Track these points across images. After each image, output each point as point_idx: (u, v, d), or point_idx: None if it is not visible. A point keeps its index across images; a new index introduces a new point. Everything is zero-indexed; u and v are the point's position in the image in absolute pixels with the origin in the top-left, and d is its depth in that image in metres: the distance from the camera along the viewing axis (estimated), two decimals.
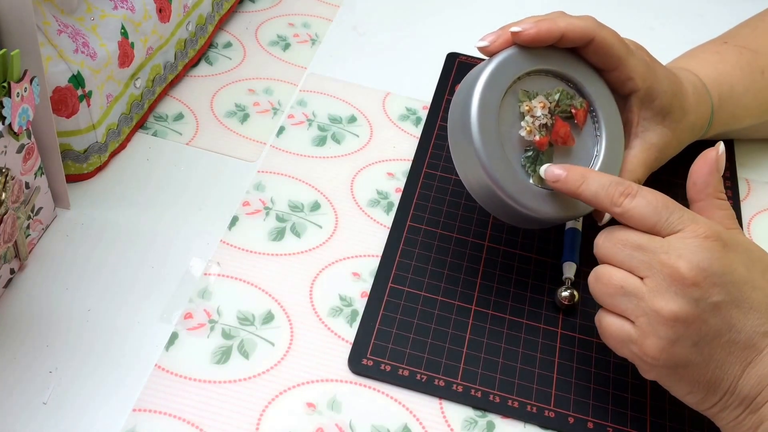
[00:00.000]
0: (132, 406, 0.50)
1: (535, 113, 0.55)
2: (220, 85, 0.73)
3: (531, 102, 0.55)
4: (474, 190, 0.55)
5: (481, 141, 0.52)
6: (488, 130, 0.53)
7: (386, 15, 0.83)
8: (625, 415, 0.53)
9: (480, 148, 0.52)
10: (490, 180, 0.52)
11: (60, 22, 0.58)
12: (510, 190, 0.53)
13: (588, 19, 0.56)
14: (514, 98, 0.55)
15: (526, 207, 0.53)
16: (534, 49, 0.55)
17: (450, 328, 0.56)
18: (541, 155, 0.54)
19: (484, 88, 0.53)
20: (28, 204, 0.55)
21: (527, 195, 0.53)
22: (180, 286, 0.57)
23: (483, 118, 0.53)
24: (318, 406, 0.52)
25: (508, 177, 0.53)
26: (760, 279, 0.47)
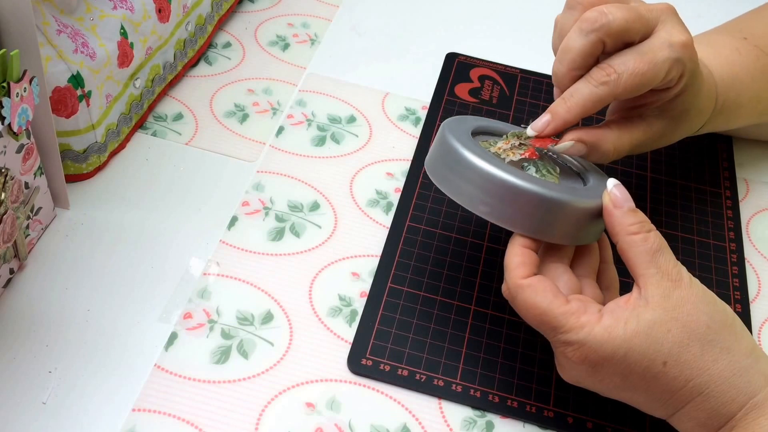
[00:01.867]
0: (131, 406, 0.50)
1: (506, 148, 0.53)
2: (219, 85, 0.73)
3: (497, 145, 0.53)
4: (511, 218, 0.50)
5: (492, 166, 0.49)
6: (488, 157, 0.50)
7: (385, 15, 0.83)
8: (624, 415, 0.53)
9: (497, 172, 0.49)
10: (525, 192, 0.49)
11: (59, 22, 0.58)
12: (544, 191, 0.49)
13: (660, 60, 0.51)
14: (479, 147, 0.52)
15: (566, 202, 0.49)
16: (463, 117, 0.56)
17: (449, 328, 0.56)
18: (540, 162, 0.52)
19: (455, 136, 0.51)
20: (28, 204, 0.55)
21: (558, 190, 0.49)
22: (179, 286, 0.57)
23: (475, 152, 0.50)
24: (317, 406, 0.52)
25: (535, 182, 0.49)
26: (639, 381, 0.47)
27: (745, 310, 0.60)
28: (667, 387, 0.46)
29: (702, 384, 0.46)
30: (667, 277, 0.46)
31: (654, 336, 0.45)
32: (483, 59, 0.79)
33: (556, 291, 0.47)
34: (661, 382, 0.46)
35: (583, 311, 0.47)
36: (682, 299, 0.46)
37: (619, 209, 0.49)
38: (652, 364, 0.46)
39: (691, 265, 0.62)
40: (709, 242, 0.64)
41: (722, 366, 0.46)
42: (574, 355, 0.47)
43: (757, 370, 0.46)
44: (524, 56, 0.79)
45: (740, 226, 0.66)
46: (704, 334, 0.46)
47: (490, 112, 0.73)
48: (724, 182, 0.69)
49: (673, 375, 0.46)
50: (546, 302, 0.47)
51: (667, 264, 0.47)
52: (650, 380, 0.46)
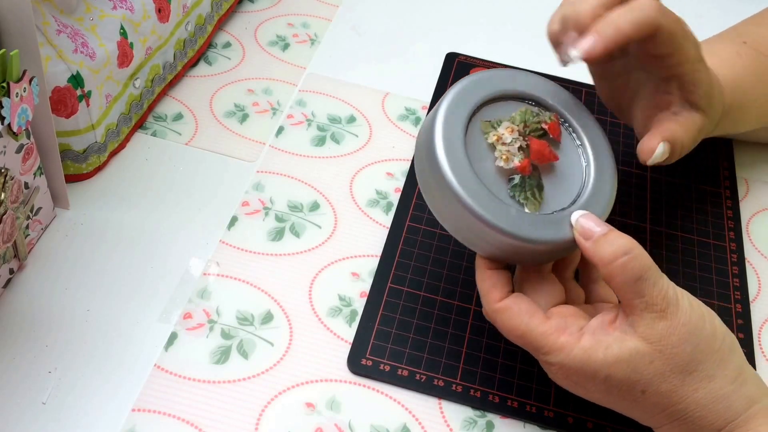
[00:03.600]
0: (131, 406, 0.50)
1: (505, 140, 0.50)
2: (219, 85, 0.73)
3: (497, 131, 0.50)
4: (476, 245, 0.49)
5: (460, 186, 0.47)
6: (463, 171, 0.48)
7: (385, 15, 0.83)
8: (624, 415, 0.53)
9: (462, 195, 0.47)
10: (484, 224, 0.47)
11: (59, 22, 0.58)
12: (511, 229, 0.47)
13: (646, 6, 0.50)
14: (478, 131, 0.50)
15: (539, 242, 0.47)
16: (483, 77, 0.52)
17: (449, 328, 0.56)
18: (527, 180, 0.49)
19: (443, 131, 0.49)
20: (28, 204, 0.55)
21: (532, 228, 0.48)
22: (179, 286, 0.57)
23: (454, 162, 0.48)
24: (317, 406, 0.52)
25: (502, 215, 0.47)
26: (619, 400, 0.47)
27: (745, 310, 0.60)
28: (646, 410, 0.47)
29: (680, 410, 0.46)
30: (652, 308, 0.45)
31: (635, 365, 0.45)
32: (483, 59, 0.79)
33: (533, 310, 0.47)
34: (640, 406, 0.47)
35: (563, 330, 0.46)
36: (667, 330, 0.45)
37: (590, 241, 0.47)
38: (631, 390, 0.46)
39: (691, 265, 0.62)
40: (709, 242, 0.64)
41: (702, 394, 0.46)
42: (557, 372, 0.47)
43: (740, 395, 0.46)
44: (524, 56, 0.79)
45: (740, 226, 0.66)
46: (686, 365, 0.45)
47: None
48: (724, 182, 0.69)
49: (652, 402, 0.46)
50: (523, 324, 0.47)
51: (652, 291, 0.45)
52: (630, 402, 0.47)
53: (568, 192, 0.51)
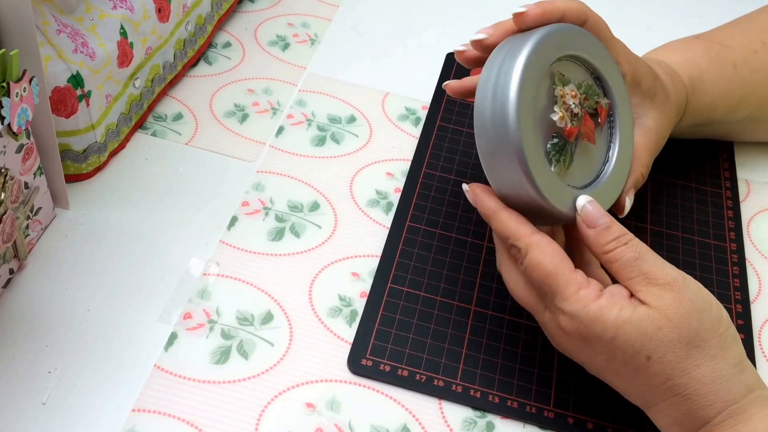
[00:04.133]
0: (131, 407, 0.50)
1: (567, 101, 0.51)
2: (219, 85, 0.73)
3: (564, 88, 0.51)
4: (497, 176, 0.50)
5: (518, 120, 0.47)
6: (527, 109, 0.48)
7: (386, 15, 0.83)
8: (624, 416, 0.53)
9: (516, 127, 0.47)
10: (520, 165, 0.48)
11: (59, 21, 0.58)
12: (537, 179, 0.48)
13: (578, 1, 0.55)
14: (550, 80, 0.51)
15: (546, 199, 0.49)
16: (575, 32, 0.52)
17: (449, 329, 0.56)
18: (567, 146, 0.51)
19: (528, 61, 0.48)
20: (27, 204, 0.55)
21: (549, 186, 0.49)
22: (179, 286, 0.57)
23: (524, 95, 0.48)
24: (317, 406, 0.52)
25: (538, 164, 0.48)
26: (621, 366, 0.47)
27: (746, 310, 0.60)
28: (647, 380, 0.47)
29: (681, 385, 0.46)
30: (656, 282, 0.47)
31: (644, 329, 0.46)
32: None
33: (564, 255, 0.48)
34: (642, 374, 0.47)
35: (585, 285, 0.47)
36: (675, 301, 0.46)
37: (592, 229, 0.49)
38: (636, 355, 0.46)
39: (691, 266, 0.62)
40: (710, 242, 0.64)
41: (704, 371, 0.46)
42: (566, 324, 0.47)
43: (739, 380, 0.46)
44: None
45: (741, 227, 0.66)
46: (693, 339, 0.46)
47: None
48: (725, 182, 0.69)
49: (654, 371, 0.46)
50: (553, 264, 0.47)
51: (651, 268, 0.47)
52: (632, 370, 0.47)
53: (585, 175, 0.53)
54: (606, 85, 0.54)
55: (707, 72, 0.65)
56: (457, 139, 0.69)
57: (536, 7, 0.52)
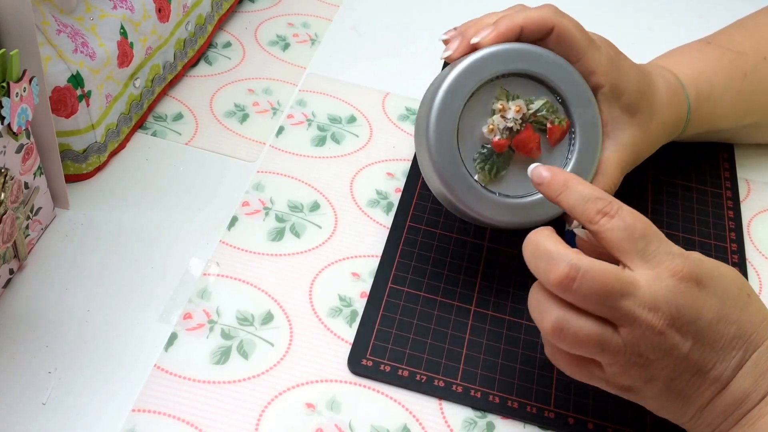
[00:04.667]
0: (131, 407, 0.50)
1: (507, 115, 0.54)
2: (219, 85, 0.73)
3: (507, 103, 0.54)
4: (428, 180, 0.55)
5: (435, 126, 0.53)
6: (447, 117, 0.53)
7: (386, 15, 0.83)
8: (625, 416, 0.53)
9: (432, 132, 0.53)
10: (434, 169, 0.53)
11: (59, 21, 0.58)
12: (451, 181, 0.53)
13: (546, 7, 0.55)
14: (491, 94, 0.54)
15: (463, 203, 0.53)
16: (533, 50, 0.54)
17: (449, 329, 0.56)
18: (495, 156, 0.54)
19: (459, 75, 0.53)
20: (27, 204, 0.55)
21: (467, 191, 0.53)
22: (179, 286, 0.57)
23: (446, 105, 0.53)
24: (317, 406, 0.52)
25: (452, 169, 0.53)
26: (735, 311, 0.45)
27: None
28: (751, 318, 0.46)
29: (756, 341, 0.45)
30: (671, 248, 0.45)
31: (732, 269, 0.46)
32: None
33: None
34: (748, 311, 0.46)
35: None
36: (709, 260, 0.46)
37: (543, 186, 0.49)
38: (740, 292, 0.46)
39: None
40: (710, 243, 0.64)
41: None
42: (681, 266, 0.44)
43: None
44: None
45: (741, 227, 0.66)
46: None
47: None
48: (725, 182, 0.69)
49: (757, 307, 0.46)
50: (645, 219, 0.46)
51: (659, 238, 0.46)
52: (741, 308, 0.45)
53: (525, 186, 0.55)
54: (569, 104, 0.55)
55: (718, 86, 0.64)
56: None
57: (491, 32, 0.54)
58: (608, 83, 0.56)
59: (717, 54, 0.66)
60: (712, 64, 0.65)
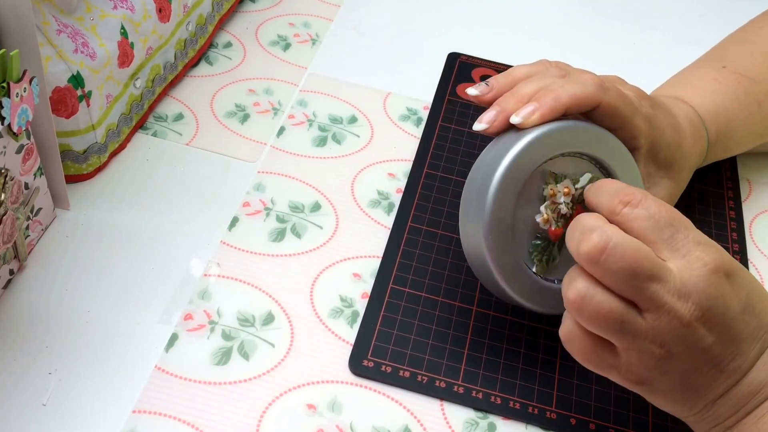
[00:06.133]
0: (132, 408, 0.50)
1: (557, 199, 0.51)
2: (220, 86, 0.72)
3: (556, 186, 0.51)
4: (471, 258, 0.53)
5: (491, 216, 0.50)
6: (503, 206, 0.50)
7: (387, 15, 0.83)
8: (627, 416, 0.53)
9: (488, 221, 0.50)
10: (490, 259, 0.50)
11: (59, 22, 0.58)
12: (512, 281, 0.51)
13: (589, 83, 0.52)
14: (541, 178, 0.51)
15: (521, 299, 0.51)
16: (573, 128, 0.51)
17: (451, 330, 0.56)
18: (551, 246, 0.52)
19: (510, 166, 0.50)
20: (28, 205, 0.55)
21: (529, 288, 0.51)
22: (180, 287, 0.57)
23: (501, 200, 0.50)
24: (318, 407, 0.52)
25: (513, 268, 0.51)
26: (759, 303, 0.45)
27: None
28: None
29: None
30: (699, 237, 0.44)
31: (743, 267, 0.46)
32: (484, 59, 0.78)
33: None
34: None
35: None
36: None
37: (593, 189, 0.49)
38: (761, 284, 0.46)
39: None
40: None
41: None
42: (713, 257, 0.43)
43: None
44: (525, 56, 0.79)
45: (743, 227, 0.66)
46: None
47: None
48: (727, 182, 0.69)
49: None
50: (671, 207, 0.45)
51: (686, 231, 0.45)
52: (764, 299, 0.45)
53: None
54: (614, 175, 0.53)
55: (735, 119, 0.63)
56: (458, 140, 0.69)
57: (534, 113, 0.51)
58: (647, 144, 0.55)
59: (733, 82, 0.64)
60: (729, 96, 0.64)
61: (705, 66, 0.67)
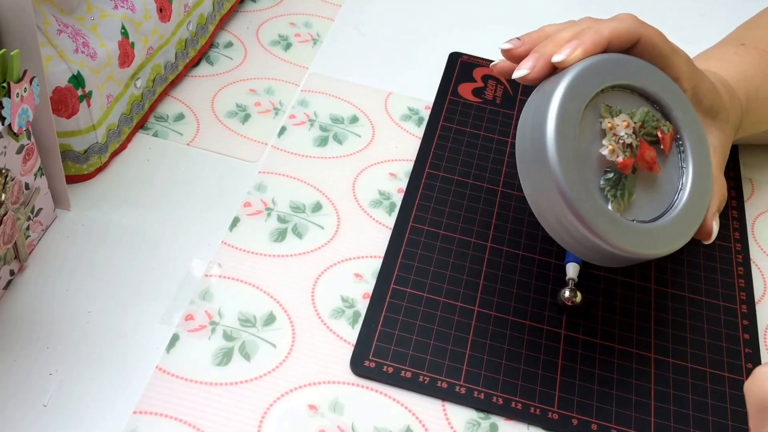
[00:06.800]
0: (133, 409, 0.50)
1: (618, 132, 0.49)
2: (221, 85, 0.72)
3: (613, 119, 0.49)
4: (549, 221, 0.50)
5: (558, 158, 0.46)
6: (566, 147, 0.47)
7: (388, 14, 0.83)
8: (629, 417, 0.53)
9: (556, 166, 0.46)
10: (567, 207, 0.47)
11: (60, 21, 0.58)
12: (588, 218, 0.47)
13: (629, 18, 0.52)
14: (595, 113, 0.49)
15: (605, 239, 0.47)
16: (618, 61, 0.50)
17: (452, 330, 0.56)
18: (624, 179, 0.49)
19: (563, 98, 0.48)
20: (28, 205, 0.55)
21: (607, 225, 0.47)
22: (181, 287, 0.57)
23: (561, 133, 0.47)
24: (320, 408, 0.51)
25: (587, 202, 0.47)
26: None
27: (751, 311, 0.60)
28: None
29: None
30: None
31: None
32: (486, 59, 0.78)
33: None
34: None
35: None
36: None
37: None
38: None
39: (696, 266, 0.62)
40: (714, 242, 0.64)
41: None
42: None
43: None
44: None
45: (746, 227, 0.65)
46: None
47: (494, 112, 0.72)
48: (729, 182, 0.69)
49: None
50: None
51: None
52: None
53: (654, 208, 0.51)
54: (667, 109, 0.52)
55: (762, 88, 0.63)
56: (460, 139, 0.69)
57: (577, 47, 0.50)
58: (690, 88, 0.54)
59: (756, 55, 0.64)
60: (753, 66, 0.64)
61: (723, 45, 0.67)
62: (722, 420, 0.53)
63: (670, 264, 0.62)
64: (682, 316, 0.59)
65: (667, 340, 0.57)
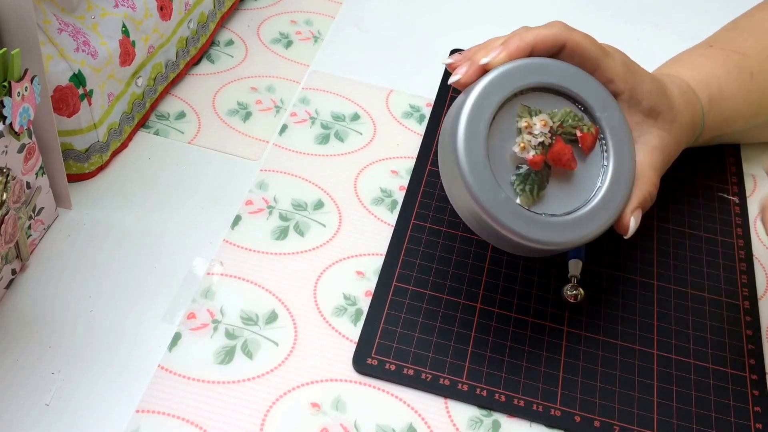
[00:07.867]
0: (135, 407, 0.50)
1: (534, 131, 0.52)
2: (222, 84, 0.72)
3: (531, 119, 0.52)
4: (461, 212, 0.53)
5: (465, 153, 0.50)
6: (476, 143, 0.50)
7: (389, 12, 0.83)
8: (632, 414, 0.53)
9: (463, 160, 0.50)
10: (473, 198, 0.50)
11: (60, 20, 0.58)
12: (493, 210, 0.50)
13: (555, 24, 0.54)
14: (513, 113, 0.52)
15: (510, 230, 0.50)
16: (541, 64, 0.53)
17: (455, 327, 0.56)
18: (533, 174, 0.52)
19: (478, 97, 0.51)
20: (30, 204, 0.55)
21: (513, 217, 0.50)
22: (183, 286, 0.57)
23: (471, 130, 0.50)
24: (322, 406, 0.51)
25: (490, 195, 0.50)
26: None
27: (754, 307, 0.59)
28: None
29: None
30: None
31: None
32: None
33: None
34: None
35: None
36: None
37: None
38: None
39: (699, 262, 0.62)
40: (717, 239, 0.64)
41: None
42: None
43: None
44: None
45: (748, 222, 0.65)
46: None
47: None
48: (731, 178, 0.69)
49: None
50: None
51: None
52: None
53: (568, 202, 0.53)
54: (592, 110, 0.54)
55: (727, 87, 0.64)
56: None
57: (501, 52, 0.53)
58: (627, 89, 0.56)
59: (721, 56, 0.66)
60: (718, 67, 0.65)
61: (693, 48, 0.69)
62: (725, 417, 0.53)
63: (672, 260, 0.62)
64: (685, 312, 0.59)
65: (669, 337, 0.57)
